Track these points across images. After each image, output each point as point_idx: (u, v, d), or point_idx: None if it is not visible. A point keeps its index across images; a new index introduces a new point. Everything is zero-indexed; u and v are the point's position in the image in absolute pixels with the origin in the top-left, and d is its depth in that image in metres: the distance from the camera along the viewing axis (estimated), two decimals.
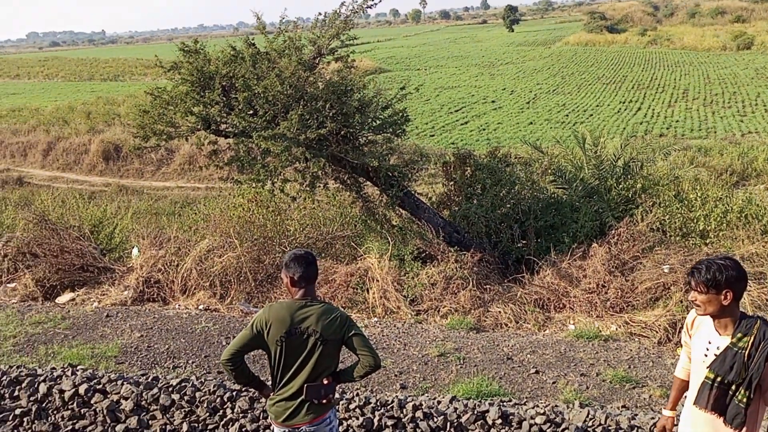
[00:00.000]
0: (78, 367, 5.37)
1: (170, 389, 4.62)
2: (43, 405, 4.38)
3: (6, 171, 30.38)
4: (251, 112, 7.78)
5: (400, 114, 8.71)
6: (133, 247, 9.26)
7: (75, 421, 4.32)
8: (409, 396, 4.99)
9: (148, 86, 10.49)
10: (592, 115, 35.51)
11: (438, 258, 8.27)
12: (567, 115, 35.41)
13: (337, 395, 4.47)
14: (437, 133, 32.44)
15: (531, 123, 34.05)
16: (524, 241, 9.17)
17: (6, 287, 8.30)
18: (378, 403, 4.53)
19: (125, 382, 4.54)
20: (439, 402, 4.66)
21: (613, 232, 8.60)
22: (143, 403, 4.46)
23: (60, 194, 11.25)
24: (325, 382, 3.23)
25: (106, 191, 26.12)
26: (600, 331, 6.71)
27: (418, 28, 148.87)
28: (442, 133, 32.32)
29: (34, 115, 39.85)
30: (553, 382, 5.54)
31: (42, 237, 8.84)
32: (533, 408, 4.66)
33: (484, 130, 32.69)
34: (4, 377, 4.62)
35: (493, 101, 41.03)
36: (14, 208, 11.32)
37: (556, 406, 4.78)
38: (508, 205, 9.46)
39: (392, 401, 4.54)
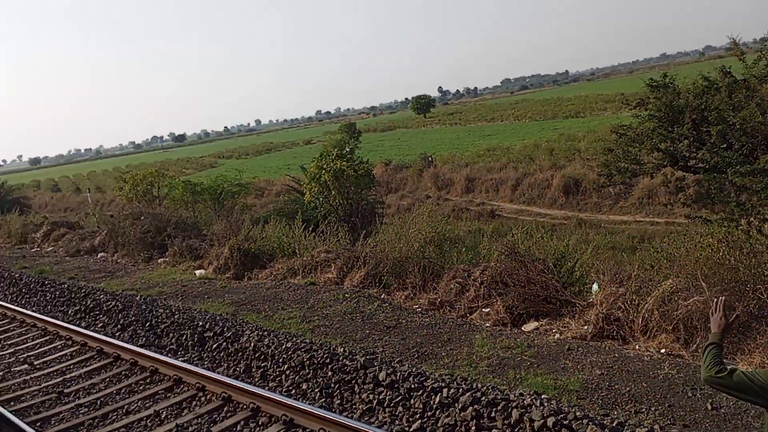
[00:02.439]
0: (542, 396, 5.67)
1: None
2: (515, 431, 4.75)
3: (481, 205, 34.23)
4: (725, 145, 7.18)
5: None
6: (593, 282, 9.40)
7: None
8: None
9: (607, 121, 10.57)
10: None
11: None
12: None
13: None
14: None
15: None
16: None
17: (482, 311, 9.29)
18: None
19: (590, 422, 4.61)
20: None
21: None
22: None
23: (526, 227, 12.12)
24: None
25: (566, 224, 27.19)
26: None
27: None
28: None
29: (505, 153, 44.07)
30: None
31: (512, 267, 9.65)
32: None
33: None
34: (483, 398, 5.18)
35: None
36: (489, 239, 12.60)
37: None
38: None
39: None
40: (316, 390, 6.78)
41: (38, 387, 8.12)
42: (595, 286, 9.17)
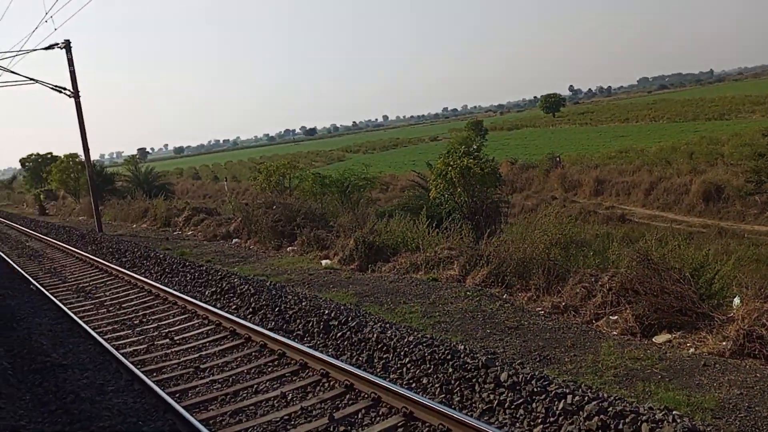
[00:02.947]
0: (674, 412, 5.39)
1: None
2: None
3: (611, 208, 32.92)
4: None
5: None
6: (734, 296, 8.80)
7: None
8: None
9: (756, 124, 9.83)
10: None
11: None
12: None
13: None
14: None
15: None
16: None
17: (609, 318, 8.95)
18: None
19: None
20: None
21: None
22: None
23: (661, 234, 11.55)
24: None
25: (704, 233, 25.56)
26: None
27: None
28: None
29: (639, 155, 42.12)
30: None
31: (644, 275, 9.21)
32: None
33: None
34: (610, 408, 5.01)
35: None
36: (618, 244, 12.12)
37: None
38: None
39: None
40: (437, 385, 6.82)
41: (177, 361, 8.73)
42: (736, 300, 8.59)
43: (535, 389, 5.97)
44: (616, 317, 8.95)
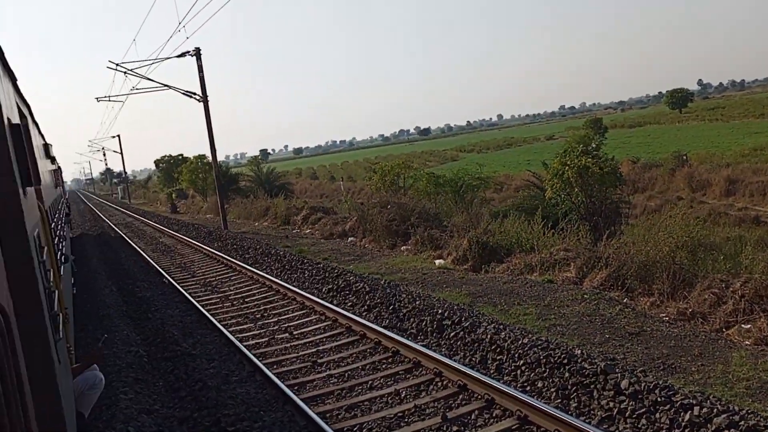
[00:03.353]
0: None
1: None
2: None
3: (744, 210, 30.76)
4: None
5: None
6: None
7: None
8: None
9: None
10: None
11: None
12: None
13: None
14: None
15: None
16: None
17: (741, 327, 8.40)
18: None
19: None
20: None
21: None
22: None
23: None
24: None
25: None
26: None
27: None
28: None
29: None
30: None
31: None
32: None
33: None
34: (742, 422, 4.70)
35: None
36: (752, 248, 11.33)
37: None
38: None
39: None
40: (552, 389, 6.67)
41: (296, 354, 9.06)
42: None
43: (659, 399, 5.71)
44: (749, 326, 8.38)
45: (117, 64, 25.19)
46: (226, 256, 17.81)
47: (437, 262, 14.71)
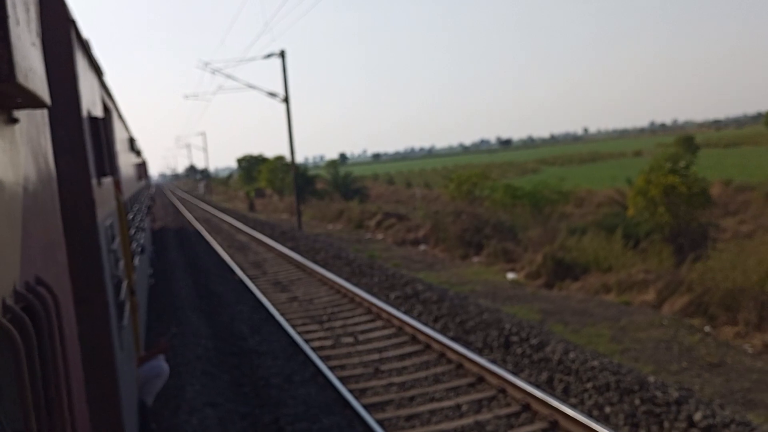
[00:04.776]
0: None
1: None
2: None
3: None
4: None
5: None
6: None
7: None
8: None
9: None
10: None
11: None
12: None
13: None
14: None
15: None
16: None
17: None
18: None
19: None
20: None
21: None
22: None
23: None
24: None
25: None
26: None
27: None
28: None
29: None
30: None
31: None
32: None
33: None
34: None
35: None
36: None
37: None
38: None
39: None
40: (620, 416, 6.36)
41: (359, 360, 9.03)
42: None
43: None
44: None
45: (206, 63, 26.04)
46: (297, 257, 18.05)
47: (509, 275, 14.41)
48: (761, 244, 11.39)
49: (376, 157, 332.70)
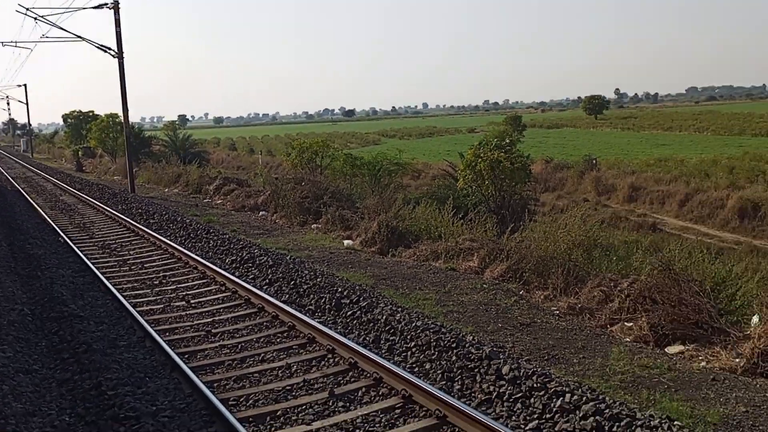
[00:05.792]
0: (675, 422, 5.33)
1: None
2: None
3: (643, 216, 32.39)
4: None
5: None
6: (754, 314, 8.64)
7: None
8: None
9: None
10: None
11: None
12: None
13: None
14: None
15: None
16: None
17: (624, 325, 8.86)
18: None
19: None
20: None
21: None
22: None
23: (687, 246, 11.33)
24: None
25: (735, 250, 25.03)
26: None
27: None
28: None
29: (678, 166, 41.26)
30: None
31: (663, 284, 9.08)
32: None
33: None
34: (607, 410, 4.98)
35: None
36: (643, 252, 11.94)
37: None
38: None
39: None
40: (438, 371, 6.84)
41: (190, 323, 8.90)
42: (755, 319, 8.43)
43: (535, 385, 5.96)
44: (631, 324, 8.85)
45: (27, 9, 23.75)
46: (129, 220, 17.23)
47: (345, 242, 14.74)
48: (570, 217, 12.54)
49: (219, 121, 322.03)
